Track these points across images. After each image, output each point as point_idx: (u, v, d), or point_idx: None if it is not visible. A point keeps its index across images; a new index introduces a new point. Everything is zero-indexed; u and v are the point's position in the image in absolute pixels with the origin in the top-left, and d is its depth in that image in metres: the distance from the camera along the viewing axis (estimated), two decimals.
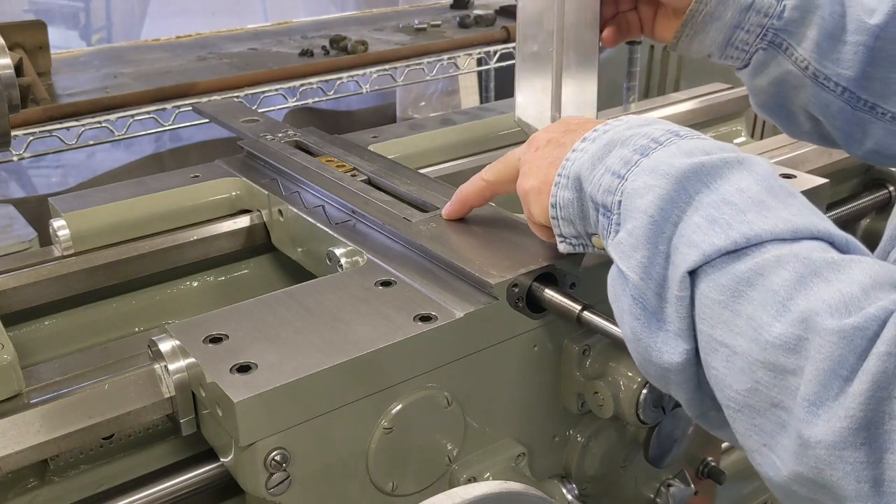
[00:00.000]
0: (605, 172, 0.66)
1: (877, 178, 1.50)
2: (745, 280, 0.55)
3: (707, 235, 0.57)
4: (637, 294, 0.61)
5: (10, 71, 0.89)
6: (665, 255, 0.59)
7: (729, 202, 0.58)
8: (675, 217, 0.59)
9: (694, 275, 0.57)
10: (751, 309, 0.54)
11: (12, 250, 1.24)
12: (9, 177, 2.86)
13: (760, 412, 0.53)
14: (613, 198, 0.64)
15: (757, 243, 0.56)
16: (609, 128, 0.70)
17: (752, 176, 0.60)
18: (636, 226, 0.61)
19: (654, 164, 0.62)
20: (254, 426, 0.66)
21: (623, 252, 0.62)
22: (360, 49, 2.22)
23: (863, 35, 0.84)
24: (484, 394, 0.80)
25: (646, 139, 0.65)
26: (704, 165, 0.60)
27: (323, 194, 1.02)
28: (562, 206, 0.72)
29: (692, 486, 1.02)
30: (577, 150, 0.71)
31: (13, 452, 0.69)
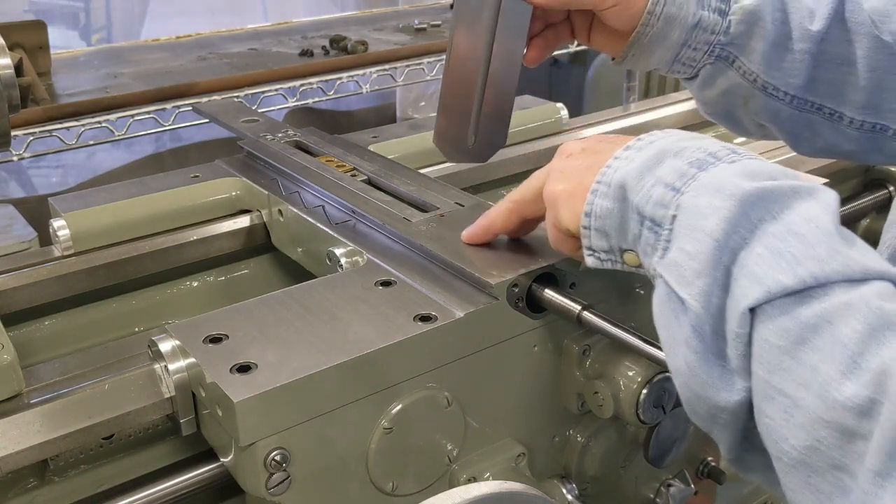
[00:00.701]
0: (657, 184, 0.61)
1: (877, 178, 1.50)
2: (810, 326, 0.51)
3: (771, 270, 0.53)
4: (697, 324, 0.56)
5: (10, 71, 0.89)
6: (722, 284, 0.55)
7: (796, 234, 0.54)
8: (735, 244, 0.55)
9: (753, 313, 0.53)
10: (816, 359, 0.50)
11: (12, 250, 1.24)
12: (9, 177, 2.86)
13: (819, 472, 0.50)
14: (667, 212, 0.60)
15: (825, 283, 0.52)
16: (656, 138, 0.66)
17: (821, 207, 0.55)
18: (700, 249, 0.56)
19: (716, 182, 0.58)
20: (254, 426, 0.66)
21: (682, 276, 0.57)
22: (360, 49, 2.22)
23: (807, 42, 0.85)
24: (484, 394, 0.80)
25: (702, 153, 0.61)
26: (773, 192, 0.56)
27: (323, 194, 1.02)
28: (598, 216, 0.67)
29: (692, 486, 1.02)
30: (621, 157, 0.66)
31: (13, 452, 0.69)
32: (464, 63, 0.90)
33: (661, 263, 0.60)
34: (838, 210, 0.57)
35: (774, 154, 1.33)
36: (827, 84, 0.87)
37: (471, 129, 0.92)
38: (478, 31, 0.89)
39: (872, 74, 0.85)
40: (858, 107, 0.87)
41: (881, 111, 0.87)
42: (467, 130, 0.92)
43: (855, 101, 0.87)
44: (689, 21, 0.85)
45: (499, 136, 0.93)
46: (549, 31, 0.93)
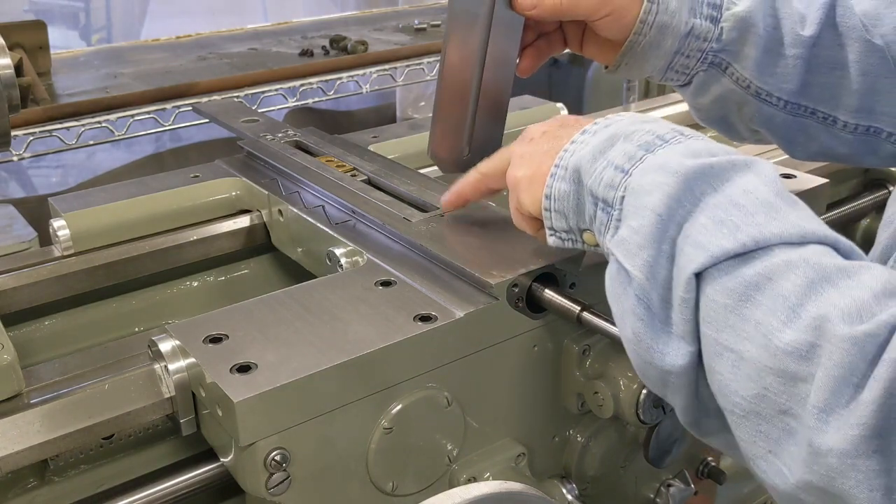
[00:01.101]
0: (608, 166, 0.65)
1: (877, 178, 1.50)
2: (753, 284, 0.54)
3: (714, 237, 0.56)
4: (642, 294, 0.59)
5: (10, 71, 0.89)
6: (668, 255, 0.59)
7: (736, 204, 0.57)
8: (680, 217, 0.58)
9: (700, 277, 0.56)
10: (759, 314, 0.53)
11: (12, 250, 1.24)
12: (9, 177, 2.86)
13: (767, 419, 0.53)
14: (616, 193, 0.63)
15: (765, 246, 0.55)
16: (611, 122, 0.69)
17: (759, 178, 0.59)
18: (643, 224, 0.60)
19: (661, 162, 0.61)
20: (254, 426, 0.66)
21: (628, 250, 0.61)
22: (360, 49, 2.22)
23: (799, 48, 0.86)
24: (484, 394, 0.80)
25: (650, 136, 0.65)
26: (713, 167, 0.59)
27: (323, 194, 1.02)
28: (556, 198, 0.70)
29: (692, 486, 1.02)
30: (577, 141, 0.70)
31: (13, 452, 0.69)
32: (457, 74, 0.90)
33: (612, 241, 0.63)
34: (776, 179, 0.60)
35: (774, 153, 1.32)
36: (820, 88, 0.88)
37: (465, 141, 0.92)
38: (470, 42, 0.88)
39: (865, 78, 0.86)
40: (852, 110, 0.88)
41: (875, 114, 0.88)
42: (461, 142, 0.92)
43: (848, 104, 0.88)
44: (681, 29, 0.85)
45: (493, 146, 0.92)
46: (542, 41, 0.94)
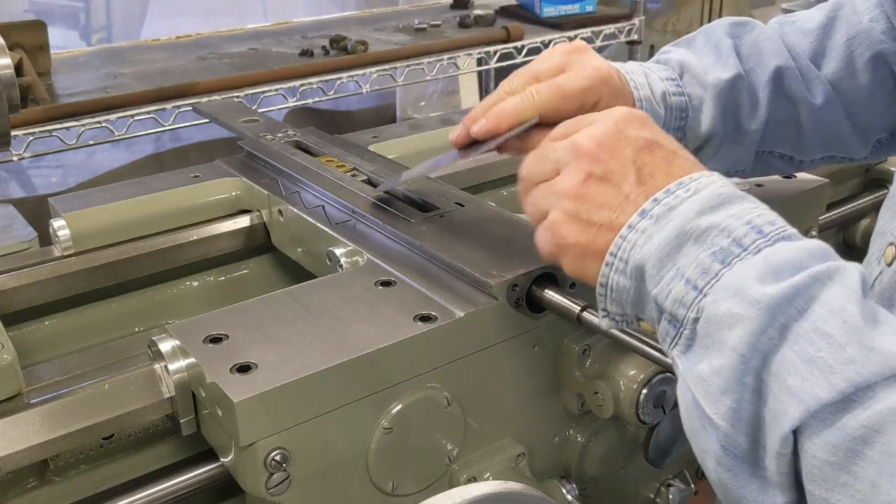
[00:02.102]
0: (677, 277, 0.58)
1: (877, 178, 1.50)
2: (859, 438, 0.48)
3: (806, 382, 0.50)
4: (727, 443, 0.54)
5: (10, 71, 0.88)
6: (753, 389, 0.53)
7: (824, 334, 0.50)
8: (764, 347, 0.52)
9: (796, 431, 0.51)
10: (873, 474, 0.47)
11: (12, 250, 1.24)
12: (9, 177, 2.86)
13: None
14: (688, 313, 0.57)
15: (865, 387, 0.49)
16: (675, 202, 0.60)
17: (844, 292, 0.52)
18: (724, 364, 0.53)
19: (739, 286, 0.54)
20: (254, 426, 0.66)
21: (709, 392, 0.55)
22: (360, 49, 2.22)
23: (753, 135, 0.91)
24: (484, 394, 0.80)
25: (725, 238, 0.57)
26: (796, 289, 0.52)
27: (323, 194, 1.02)
28: (613, 289, 0.63)
29: (692, 486, 1.02)
30: (636, 229, 0.61)
31: (13, 452, 0.69)
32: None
33: (682, 360, 0.58)
34: (861, 288, 0.53)
35: None
36: (775, 137, 0.94)
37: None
38: None
39: (816, 128, 0.92)
40: (807, 150, 0.95)
41: (830, 147, 0.95)
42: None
43: (804, 148, 0.94)
44: None
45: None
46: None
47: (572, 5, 2.67)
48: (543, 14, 2.63)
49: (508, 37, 2.42)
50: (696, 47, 0.93)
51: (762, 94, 0.90)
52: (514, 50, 2.44)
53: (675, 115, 0.87)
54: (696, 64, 0.89)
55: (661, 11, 3.32)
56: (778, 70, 0.90)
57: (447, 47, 2.35)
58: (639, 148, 0.64)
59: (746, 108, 0.90)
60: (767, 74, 0.90)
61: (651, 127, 0.67)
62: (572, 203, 0.65)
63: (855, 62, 0.90)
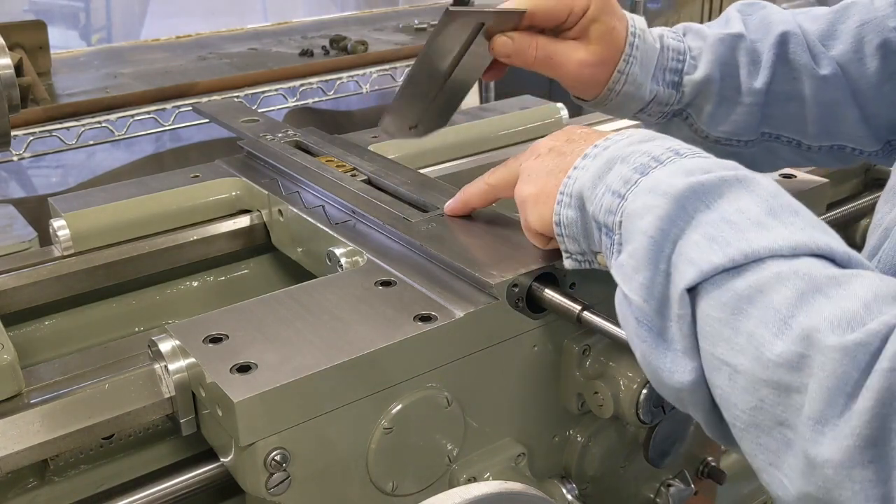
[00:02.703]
0: (606, 192, 0.66)
1: (877, 178, 1.50)
2: (744, 297, 0.54)
3: (705, 253, 0.56)
4: (641, 316, 0.60)
5: (10, 71, 0.89)
6: (666, 273, 0.59)
7: (728, 221, 0.57)
8: (675, 235, 0.59)
9: (694, 293, 0.57)
10: (751, 326, 0.53)
11: (12, 250, 1.24)
12: (9, 177, 2.86)
13: (766, 431, 0.53)
14: (615, 218, 0.64)
15: (756, 260, 0.55)
16: (610, 143, 0.70)
17: (751, 195, 0.59)
18: (636, 247, 0.60)
19: (653, 184, 0.62)
20: (254, 426, 0.66)
21: (625, 274, 0.62)
22: (360, 49, 2.22)
23: (753, 96, 0.92)
24: (484, 394, 0.80)
25: (646, 157, 0.65)
26: (703, 184, 0.60)
27: (323, 194, 1.02)
28: (565, 225, 0.72)
29: (692, 486, 1.02)
30: (579, 167, 0.71)
31: (13, 452, 0.69)
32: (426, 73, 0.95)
33: (613, 266, 0.65)
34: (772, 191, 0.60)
35: None
36: (780, 118, 0.93)
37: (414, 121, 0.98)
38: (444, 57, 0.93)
39: (821, 108, 0.92)
40: (814, 135, 0.94)
41: (837, 135, 0.94)
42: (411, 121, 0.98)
43: (810, 131, 0.94)
44: (645, 97, 0.93)
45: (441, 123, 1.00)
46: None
47: None
48: None
49: None
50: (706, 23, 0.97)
51: (765, 57, 0.91)
52: None
53: (671, 55, 0.92)
54: (700, 27, 0.95)
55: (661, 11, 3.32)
56: (783, 35, 0.91)
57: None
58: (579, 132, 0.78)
59: (747, 67, 0.91)
60: (772, 38, 0.91)
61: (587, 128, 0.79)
62: (526, 170, 0.78)
63: (864, 48, 0.90)
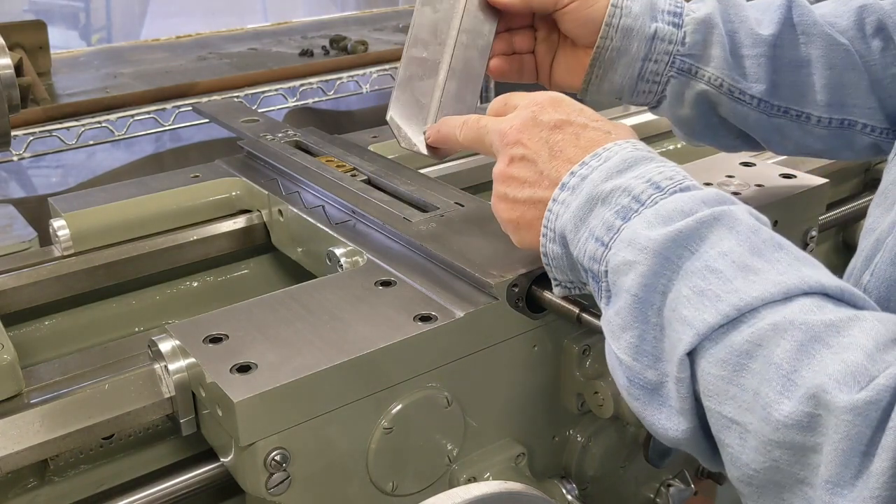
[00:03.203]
0: (590, 238, 0.64)
1: (877, 178, 1.49)
2: (744, 353, 0.53)
3: (697, 311, 0.55)
4: (631, 375, 0.60)
5: (10, 71, 0.89)
6: (658, 327, 0.58)
7: (713, 270, 0.56)
8: (663, 287, 0.58)
9: (692, 354, 0.56)
10: (755, 383, 0.52)
11: (12, 250, 1.24)
12: (9, 177, 2.86)
13: (787, 488, 0.52)
14: (600, 267, 0.63)
15: (750, 310, 0.54)
16: (587, 172, 0.67)
17: (732, 235, 0.58)
18: (622, 306, 0.60)
19: (632, 236, 0.60)
20: (254, 426, 0.66)
21: (612, 332, 0.61)
22: (360, 49, 2.22)
23: (760, 47, 0.89)
24: (484, 394, 0.80)
25: (626, 197, 0.63)
26: (682, 232, 0.58)
27: (323, 194, 1.02)
28: (552, 258, 0.70)
29: (692, 486, 1.02)
30: (559, 201, 0.68)
31: (13, 452, 0.69)
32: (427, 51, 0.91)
33: (603, 316, 0.64)
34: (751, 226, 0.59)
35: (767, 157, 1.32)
36: (789, 87, 0.90)
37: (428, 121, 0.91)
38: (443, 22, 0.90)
39: (831, 73, 0.89)
40: (823, 105, 0.91)
41: (846, 107, 0.90)
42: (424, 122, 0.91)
43: (819, 101, 0.90)
44: (646, 32, 0.87)
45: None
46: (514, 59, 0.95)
47: None
48: None
49: None
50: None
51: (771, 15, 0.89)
52: None
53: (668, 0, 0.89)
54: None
55: None
56: (788, 2, 0.89)
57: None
58: (551, 128, 0.72)
59: (751, 20, 0.89)
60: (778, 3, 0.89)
61: (565, 107, 0.74)
62: (501, 185, 0.75)
63: (865, 27, 0.89)
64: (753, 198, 0.99)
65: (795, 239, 1.05)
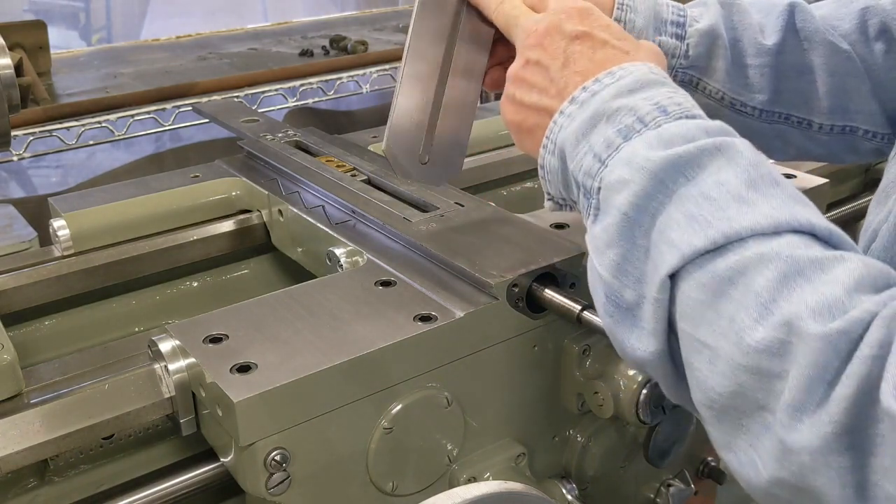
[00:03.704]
0: (588, 152, 0.63)
1: (877, 178, 1.50)
2: (726, 279, 0.53)
3: (685, 234, 0.55)
4: (609, 292, 0.60)
5: (10, 71, 0.89)
6: (644, 249, 0.58)
7: (708, 197, 0.56)
8: (654, 209, 0.57)
9: (674, 276, 0.56)
10: (732, 309, 0.52)
11: (12, 250, 1.24)
12: (9, 177, 2.86)
13: (748, 413, 0.52)
14: (593, 182, 0.62)
15: (737, 240, 0.54)
16: (598, 88, 0.66)
17: (731, 166, 0.57)
18: (610, 222, 0.59)
19: (630, 156, 0.60)
20: (254, 426, 0.66)
21: (597, 248, 0.61)
22: (360, 49, 2.22)
23: (764, 56, 0.88)
24: (484, 394, 0.80)
25: (630, 116, 0.62)
26: (682, 157, 0.58)
27: (323, 194, 1.02)
28: (548, 171, 0.69)
29: (692, 486, 1.02)
30: (565, 112, 0.67)
31: (13, 452, 0.69)
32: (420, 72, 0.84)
33: (588, 233, 0.63)
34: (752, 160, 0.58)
35: None
36: (791, 94, 0.90)
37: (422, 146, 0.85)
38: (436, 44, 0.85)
39: (833, 79, 0.89)
40: (825, 112, 0.91)
41: (849, 113, 0.91)
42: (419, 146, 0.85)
43: (821, 107, 0.90)
44: None
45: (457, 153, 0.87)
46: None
47: None
48: None
49: None
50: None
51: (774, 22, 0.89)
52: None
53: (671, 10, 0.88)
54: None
55: None
56: (791, 6, 0.89)
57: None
58: (571, 38, 0.71)
59: (755, 27, 0.89)
60: (780, 8, 0.89)
61: (592, 20, 0.72)
62: (511, 86, 0.74)
63: (868, 30, 0.89)
64: None
65: None
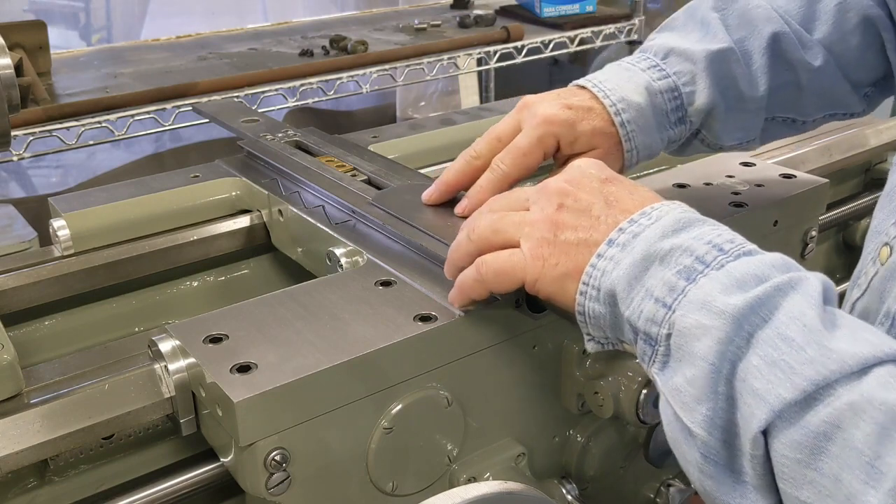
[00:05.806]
0: (647, 298, 0.60)
1: (877, 177, 1.50)
2: (822, 434, 0.50)
3: (770, 384, 0.52)
4: (707, 451, 0.56)
5: (10, 71, 0.88)
6: (726, 397, 0.55)
7: (785, 338, 0.53)
8: (732, 355, 0.55)
9: (765, 431, 0.53)
10: (835, 468, 0.49)
11: (12, 250, 1.24)
12: (9, 177, 2.85)
13: None
14: (660, 330, 0.59)
15: (825, 385, 0.51)
16: (638, 229, 0.64)
17: (804, 299, 0.55)
18: (696, 374, 0.56)
19: (704, 298, 0.57)
20: (254, 426, 0.66)
21: (685, 403, 0.57)
22: (360, 49, 2.22)
23: (758, 102, 0.92)
24: (484, 394, 0.80)
25: (688, 257, 0.60)
26: (759, 299, 0.55)
27: (323, 194, 1.02)
28: (591, 317, 0.67)
29: (692, 486, 1.02)
30: (605, 257, 0.65)
31: (13, 452, 0.69)
32: None
33: (663, 382, 0.60)
34: (822, 294, 0.56)
35: (774, 154, 1.33)
36: (779, 104, 0.94)
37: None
38: None
39: (816, 91, 0.93)
40: (810, 112, 0.96)
41: (834, 107, 0.96)
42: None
43: (808, 110, 0.96)
44: (661, 147, 0.91)
45: None
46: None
47: (572, 5, 2.67)
48: (543, 14, 2.63)
49: (508, 37, 2.42)
50: (679, 27, 0.94)
51: (760, 62, 0.90)
52: (513, 50, 2.44)
53: (666, 97, 0.89)
54: (680, 43, 0.91)
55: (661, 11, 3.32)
56: (774, 36, 0.90)
57: (447, 47, 2.35)
58: (602, 180, 0.70)
59: (745, 78, 0.90)
60: (763, 42, 0.90)
61: (609, 169, 0.73)
62: (548, 229, 0.69)
63: (845, 26, 0.91)
64: (753, 198, 0.99)
65: (795, 239, 1.05)
